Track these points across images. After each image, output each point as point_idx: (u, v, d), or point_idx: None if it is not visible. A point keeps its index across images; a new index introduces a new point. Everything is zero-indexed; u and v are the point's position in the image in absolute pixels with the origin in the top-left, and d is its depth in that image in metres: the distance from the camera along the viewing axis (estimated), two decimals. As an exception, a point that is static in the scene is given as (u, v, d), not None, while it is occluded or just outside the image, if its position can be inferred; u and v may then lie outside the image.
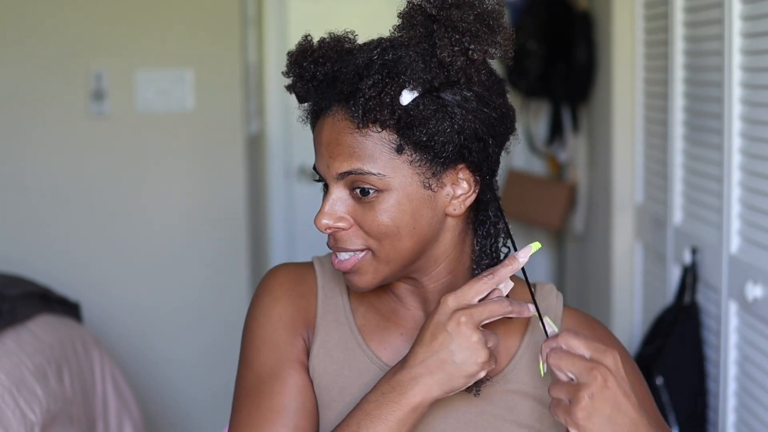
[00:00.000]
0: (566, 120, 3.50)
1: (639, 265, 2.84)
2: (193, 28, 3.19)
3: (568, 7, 3.33)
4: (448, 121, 1.15)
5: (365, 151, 1.16)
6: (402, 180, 1.16)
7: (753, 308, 1.94)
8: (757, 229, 1.94)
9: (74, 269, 3.18)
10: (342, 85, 1.17)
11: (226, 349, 3.29)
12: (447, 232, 1.22)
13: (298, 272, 1.34)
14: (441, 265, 1.24)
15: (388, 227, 1.17)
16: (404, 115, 1.14)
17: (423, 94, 1.14)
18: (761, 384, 1.91)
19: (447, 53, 1.13)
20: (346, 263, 1.21)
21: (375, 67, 1.15)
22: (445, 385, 1.14)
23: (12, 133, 3.15)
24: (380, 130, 1.15)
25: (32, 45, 3.12)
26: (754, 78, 1.95)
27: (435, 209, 1.19)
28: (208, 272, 3.29)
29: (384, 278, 1.22)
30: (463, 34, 1.13)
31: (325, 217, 1.20)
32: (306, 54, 1.22)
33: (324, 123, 1.20)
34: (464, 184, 1.19)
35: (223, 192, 3.28)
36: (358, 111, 1.14)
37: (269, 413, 1.23)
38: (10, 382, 2.04)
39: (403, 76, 1.14)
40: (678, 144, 2.42)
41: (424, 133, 1.14)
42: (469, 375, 1.13)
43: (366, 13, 4.00)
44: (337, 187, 1.19)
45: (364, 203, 1.18)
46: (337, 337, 1.29)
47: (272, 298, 1.31)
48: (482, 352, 1.13)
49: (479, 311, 1.14)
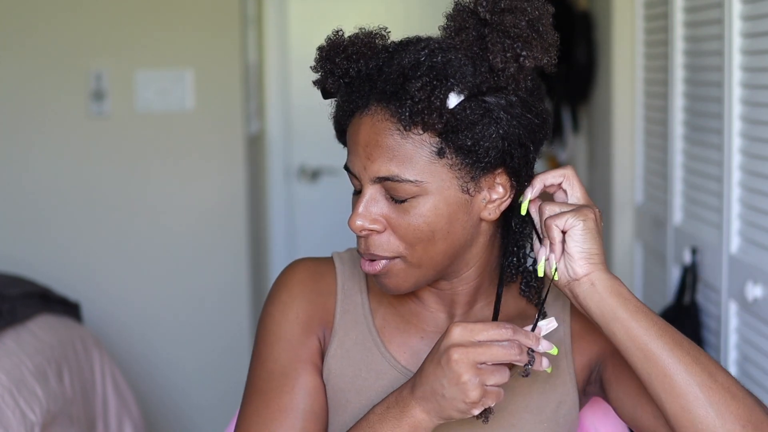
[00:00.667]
0: (566, 120, 3.50)
1: (639, 265, 2.84)
2: (193, 28, 3.19)
3: (568, 7, 3.33)
4: (494, 126, 1.13)
5: (405, 154, 1.13)
6: (440, 184, 1.14)
7: (753, 308, 1.94)
8: (757, 229, 1.94)
9: (74, 269, 3.18)
10: (384, 85, 1.14)
11: (225, 348, 3.29)
12: (480, 237, 1.21)
13: (317, 268, 1.32)
14: (471, 268, 1.23)
15: (423, 232, 1.15)
16: (451, 119, 1.12)
17: (469, 98, 1.12)
18: (761, 384, 1.91)
19: (500, 59, 1.11)
20: (375, 265, 1.18)
21: (423, 69, 1.12)
22: (441, 413, 1.11)
23: (12, 133, 3.15)
24: (422, 133, 1.13)
25: (32, 45, 3.12)
26: (754, 78, 1.95)
27: (470, 213, 1.17)
28: (208, 272, 3.29)
29: (416, 282, 1.20)
30: (515, 40, 1.11)
31: (359, 218, 1.16)
32: (338, 49, 1.19)
33: (361, 122, 1.16)
34: (500, 189, 1.18)
35: (223, 192, 3.28)
36: (405, 113, 1.12)
37: (277, 413, 1.22)
38: (10, 382, 2.04)
39: (452, 80, 1.11)
40: (678, 144, 2.41)
41: (469, 138, 1.12)
42: (459, 411, 1.10)
43: (366, 13, 4.00)
44: (372, 187, 1.16)
45: (398, 206, 1.15)
46: (354, 338, 1.28)
47: (290, 295, 1.29)
48: (472, 392, 1.08)
49: (478, 352, 1.08)
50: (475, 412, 1.10)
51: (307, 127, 3.97)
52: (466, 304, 1.27)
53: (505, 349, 1.09)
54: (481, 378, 1.08)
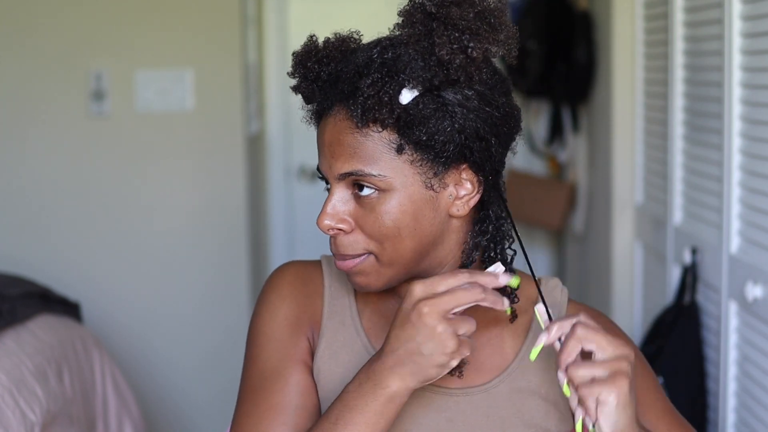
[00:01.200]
0: (566, 120, 3.50)
1: (639, 265, 2.84)
2: (193, 28, 3.19)
3: (568, 7, 3.33)
4: (448, 120, 1.14)
5: (366, 151, 1.15)
6: (403, 180, 1.15)
7: (753, 308, 1.94)
8: (757, 229, 1.94)
9: (74, 269, 3.18)
10: (343, 85, 1.16)
11: (225, 348, 3.29)
12: (452, 234, 1.21)
13: (305, 271, 1.32)
14: (446, 267, 1.23)
15: (389, 228, 1.16)
16: (404, 114, 1.13)
17: (423, 93, 1.13)
18: (761, 384, 1.91)
19: (446, 51, 1.11)
20: (348, 263, 1.20)
21: (374, 66, 1.14)
22: (418, 375, 1.10)
23: (12, 133, 3.15)
24: (380, 130, 1.14)
25: (32, 45, 3.12)
26: (754, 78, 1.95)
27: (437, 210, 1.18)
28: (208, 272, 3.29)
29: (388, 280, 1.20)
30: (462, 32, 1.12)
31: (327, 217, 1.18)
32: (311, 54, 1.21)
33: (326, 123, 1.19)
34: (468, 185, 1.18)
35: (223, 192, 3.28)
36: (357, 110, 1.13)
37: (269, 411, 1.23)
38: (10, 382, 2.04)
39: (402, 75, 1.12)
40: (678, 144, 2.41)
41: (424, 133, 1.13)
42: (439, 365, 1.09)
43: (366, 13, 4.00)
44: (339, 187, 1.18)
45: (365, 204, 1.16)
46: (342, 339, 1.28)
47: (279, 297, 1.30)
48: (449, 341, 1.08)
49: (444, 300, 1.08)
50: (453, 363, 1.09)
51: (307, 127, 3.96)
52: None
53: (468, 291, 1.08)
54: (454, 327, 1.08)
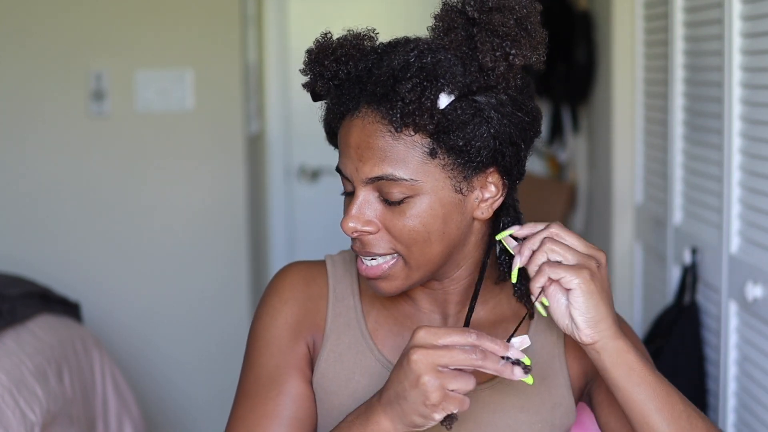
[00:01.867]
0: (566, 120, 3.50)
1: (639, 265, 2.84)
2: (193, 28, 3.19)
3: (568, 7, 3.33)
4: (485, 126, 1.13)
5: (397, 155, 1.13)
6: (434, 184, 1.14)
7: (753, 308, 1.94)
8: (757, 229, 1.94)
9: (74, 269, 3.18)
10: (374, 87, 1.14)
11: (225, 348, 3.29)
12: (472, 236, 1.21)
13: (309, 272, 1.31)
14: (462, 267, 1.23)
15: (419, 233, 1.15)
16: (442, 120, 1.12)
17: (459, 98, 1.12)
18: (761, 384, 1.91)
19: (489, 58, 1.11)
20: (375, 269, 1.18)
21: (413, 70, 1.12)
22: (403, 419, 1.08)
23: (12, 133, 3.15)
24: (413, 134, 1.13)
25: (32, 45, 3.12)
26: (754, 78, 1.95)
27: (464, 213, 1.17)
28: (208, 272, 3.29)
29: (412, 284, 1.19)
30: (503, 39, 1.11)
31: (352, 220, 1.16)
32: (327, 52, 1.19)
33: (352, 124, 1.16)
34: (492, 188, 1.18)
35: (223, 192, 3.28)
36: (396, 114, 1.11)
37: (262, 418, 1.22)
38: (10, 382, 2.04)
39: (442, 80, 1.11)
40: (678, 144, 2.41)
41: (461, 138, 1.12)
42: (421, 415, 1.06)
43: (366, 13, 3.99)
44: (364, 189, 1.16)
45: (393, 208, 1.15)
46: (347, 341, 1.27)
47: (280, 300, 1.28)
48: (432, 394, 1.04)
49: (438, 354, 1.05)
50: (436, 416, 1.06)
51: (307, 127, 3.97)
52: (459, 303, 1.26)
53: (466, 353, 1.05)
54: (442, 380, 1.04)
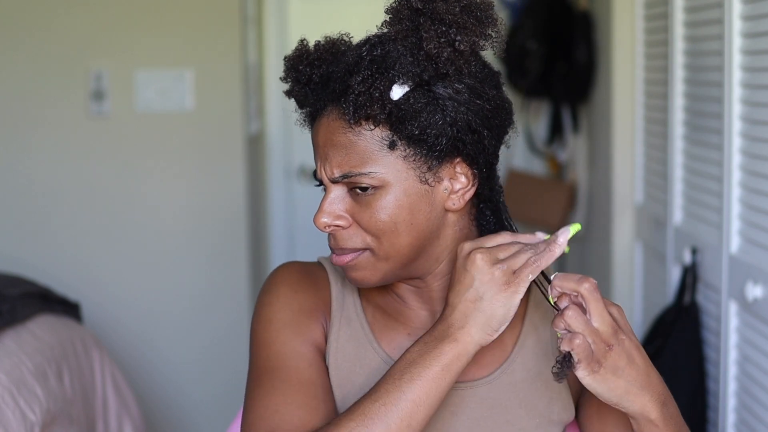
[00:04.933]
0: (566, 120, 3.50)
1: (639, 265, 2.84)
2: (193, 28, 3.19)
3: (568, 7, 3.33)
4: (439, 114, 1.15)
5: (358, 151, 1.16)
6: (397, 175, 1.16)
7: (753, 308, 1.94)
8: (757, 229, 1.94)
9: (74, 269, 3.18)
10: (334, 85, 1.17)
11: (225, 348, 3.29)
12: (448, 228, 1.22)
13: (308, 269, 1.34)
14: (443, 262, 1.24)
15: (386, 223, 1.17)
16: (395, 110, 1.14)
17: (414, 88, 1.14)
18: (761, 384, 1.91)
19: (433, 45, 1.13)
20: (344, 257, 1.20)
21: (364, 64, 1.15)
22: (483, 324, 1.13)
23: (12, 133, 3.15)
24: (372, 128, 1.15)
25: (32, 45, 3.12)
26: (754, 78, 1.95)
27: (433, 204, 1.19)
28: (208, 272, 3.29)
29: (384, 275, 1.21)
30: (449, 26, 1.13)
31: (323, 215, 1.20)
32: (302, 57, 1.23)
33: (319, 125, 1.20)
34: (462, 179, 1.19)
35: (223, 192, 3.28)
36: (349, 108, 1.14)
37: (298, 385, 1.22)
38: (10, 382, 2.04)
39: (392, 71, 1.14)
40: (678, 144, 2.41)
41: (416, 127, 1.14)
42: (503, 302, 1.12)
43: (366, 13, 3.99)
44: (335, 186, 1.19)
45: (361, 201, 1.17)
46: (348, 333, 1.29)
47: (291, 289, 1.29)
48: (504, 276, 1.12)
49: (497, 250, 1.14)
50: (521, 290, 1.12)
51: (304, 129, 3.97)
52: (444, 299, 1.26)
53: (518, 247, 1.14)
54: (509, 264, 1.12)
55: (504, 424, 1.25)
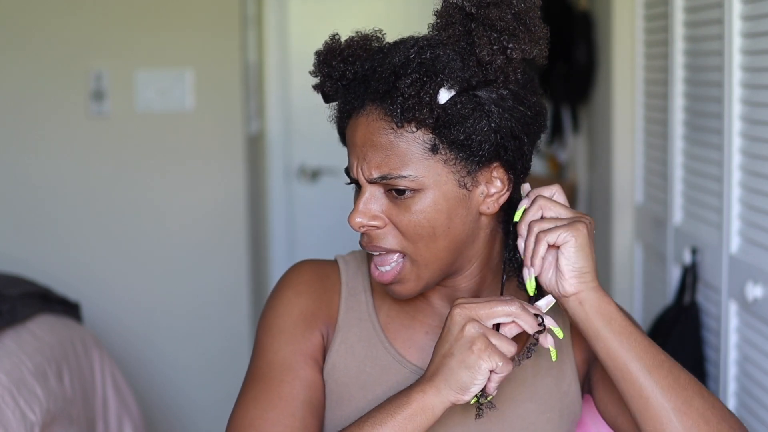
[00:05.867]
0: (566, 120, 3.50)
1: (639, 265, 2.84)
2: (193, 28, 3.19)
3: (568, 7, 3.33)
4: (485, 120, 1.15)
5: (399, 152, 1.15)
6: (437, 179, 1.15)
7: (753, 308, 1.94)
8: (757, 229, 1.94)
9: (74, 269, 3.18)
10: (377, 84, 1.15)
11: (225, 348, 3.29)
12: (481, 231, 1.22)
13: (322, 269, 1.33)
14: (474, 264, 1.24)
15: (424, 227, 1.16)
16: (442, 114, 1.13)
17: (460, 93, 1.14)
18: (761, 384, 1.91)
19: (486, 52, 1.12)
20: (387, 275, 1.20)
21: (412, 66, 1.14)
22: (451, 379, 1.11)
23: (12, 133, 3.15)
24: (415, 131, 1.14)
25: (32, 45, 3.12)
26: (754, 78, 1.95)
27: (470, 208, 1.18)
28: (208, 272, 3.29)
29: (426, 283, 1.21)
30: (501, 33, 1.13)
31: (359, 215, 1.18)
32: (335, 53, 1.22)
33: (357, 123, 1.18)
34: (498, 183, 1.19)
35: (223, 192, 3.28)
36: (396, 110, 1.13)
37: (277, 400, 1.23)
38: (10, 382, 2.04)
39: (441, 75, 1.13)
40: (678, 144, 2.41)
41: (461, 132, 1.14)
42: (468, 366, 1.10)
43: (366, 13, 3.99)
44: (370, 186, 1.18)
45: (399, 203, 1.17)
46: (359, 334, 1.29)
47: (295, 292, 1.30)
48: (477, 340, 1.10)
49: (478, 306, 1.12)
50: (483, 365, 1.09)
51: (307, 127, 3.97)
52: None
53: (504, 303, 1.12)
54: (485, 331, 1.10)
55: (515, 419, 1.25)
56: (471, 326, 1.10)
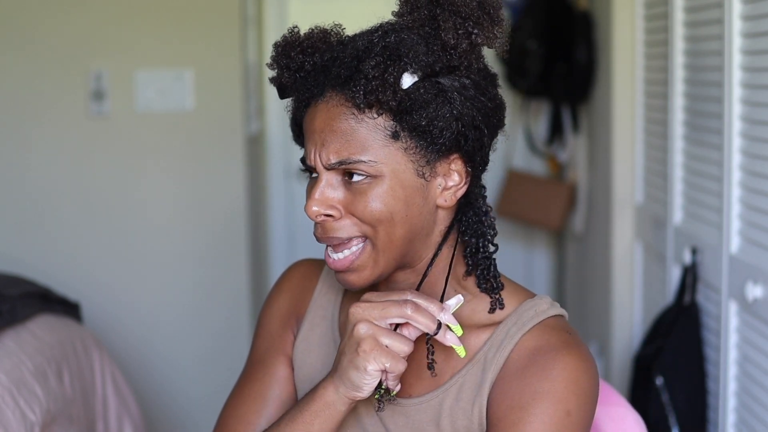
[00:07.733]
0: (566, 120, 3.50)
1: (639, 265, 2.84)
2: (193, 28, 3.19)
3: (568, 7, 3.33)
4: (447, 107, 1.14)
5: (359, 138, 1.14)
6: (395, 167, 1.15)
7: (753, 308, 1.94)
8: (757, 229, 1.94)
9: (74, 269, 3.18)
10: (339, 70, 1.15)
11: (225, 348, 3.29)
12: (436, 227, 1.21)
13: (310, 267, 1.38)
14: (424, 260, 1.22)
15: (382, 213, 1.15)
16: (405, 99, 1.13)
17: (423, 79, 1.14)
18: (761, 384, 1.91)
19: (452, 35, 1.13)
20: (343, 261, 1.19)
21: (376, 50, 1.14)
22: (343, 377, 1.13)
23: (12, 133, 3.15)
24: (376, 116, 1.14)
25: (32, 45, 3.12)
26: (754, 78, 1.95)
27: (427, 199, 1.18)
28: (208, 272, 3.29)
29: (381, 273, 1.19)
30: (466, 19, 1.13)
31: (315, 203, 1.18)
32: (294, 44, 1.22)
33: (317, 110, 1.17)
34: (456, 176, 1.19)
35: (223, 192, 3.28)
36: (359, 92, 1.13)
37: (247, 397, 1.29)
38: (10, 382, 2.04)
39: (405, 59, 1.13)
40: (678, 144, 2.42)
41: (423, 117, 1.13)
42: (355, 366, 1.11)
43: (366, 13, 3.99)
44: (327, 174, 1.17)
45: (355, 190, 1.16)
46: (319, 333, 1.32)
47: (278, 291, 1.36)
48: (363, 342, 1.11)
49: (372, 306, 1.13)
50: (369, 367, 1.10)
51: (307, 127, 3.96)
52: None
53: (398, 305, 1.12)
54: (375, 331, 1.11)
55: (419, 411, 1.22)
56: (361, 326, 1.11)
